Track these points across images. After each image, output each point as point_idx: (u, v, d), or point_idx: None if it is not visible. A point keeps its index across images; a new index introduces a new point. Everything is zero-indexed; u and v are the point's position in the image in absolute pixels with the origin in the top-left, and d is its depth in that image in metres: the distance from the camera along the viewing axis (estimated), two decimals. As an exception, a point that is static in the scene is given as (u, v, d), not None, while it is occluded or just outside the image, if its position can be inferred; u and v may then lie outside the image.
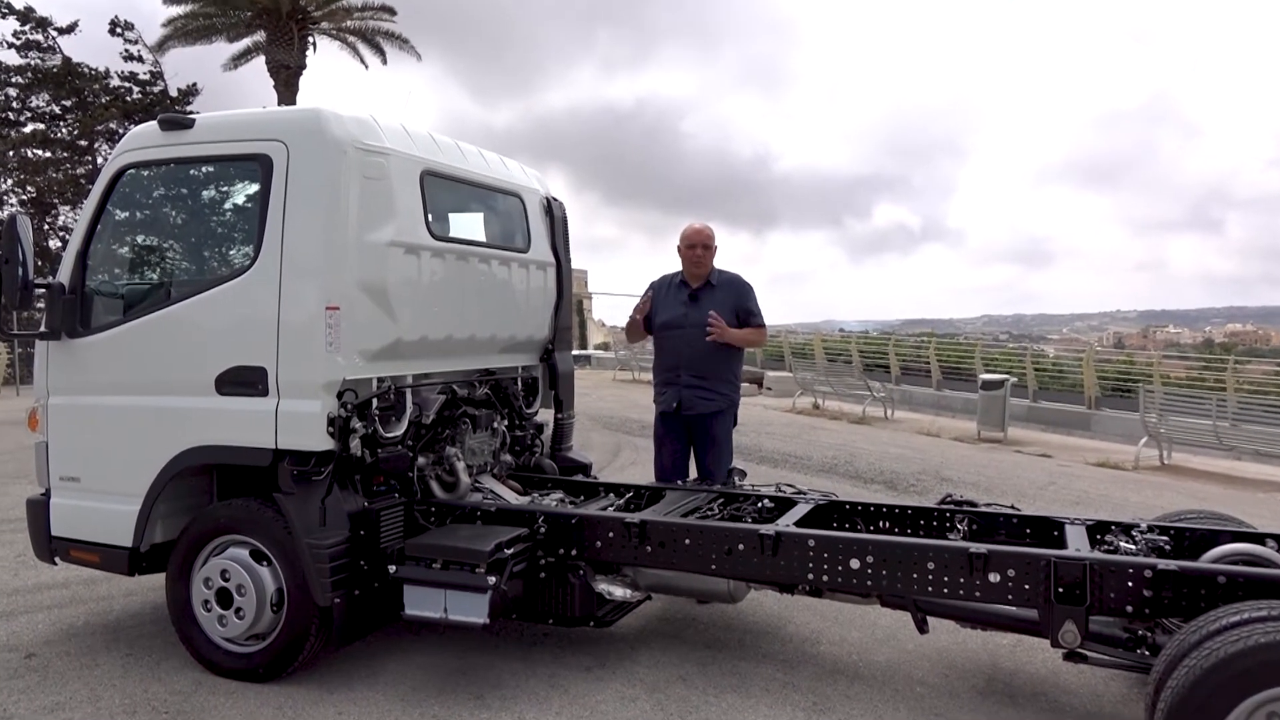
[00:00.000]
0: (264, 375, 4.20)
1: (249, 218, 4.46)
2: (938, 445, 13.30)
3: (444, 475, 4.82)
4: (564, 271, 5.70)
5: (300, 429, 4.17)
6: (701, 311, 5.56)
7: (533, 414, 5.68)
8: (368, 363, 4.32)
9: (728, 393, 5.60)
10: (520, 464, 5.51)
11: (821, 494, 4.94)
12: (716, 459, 5.55)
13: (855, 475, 10.17)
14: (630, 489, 5.18)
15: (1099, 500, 9.16)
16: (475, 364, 5.15)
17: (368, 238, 4.26)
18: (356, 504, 4.25)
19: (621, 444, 11.89)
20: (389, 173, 4.35)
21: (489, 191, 5.27)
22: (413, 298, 4.51)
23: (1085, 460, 12.23)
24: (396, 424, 4.50)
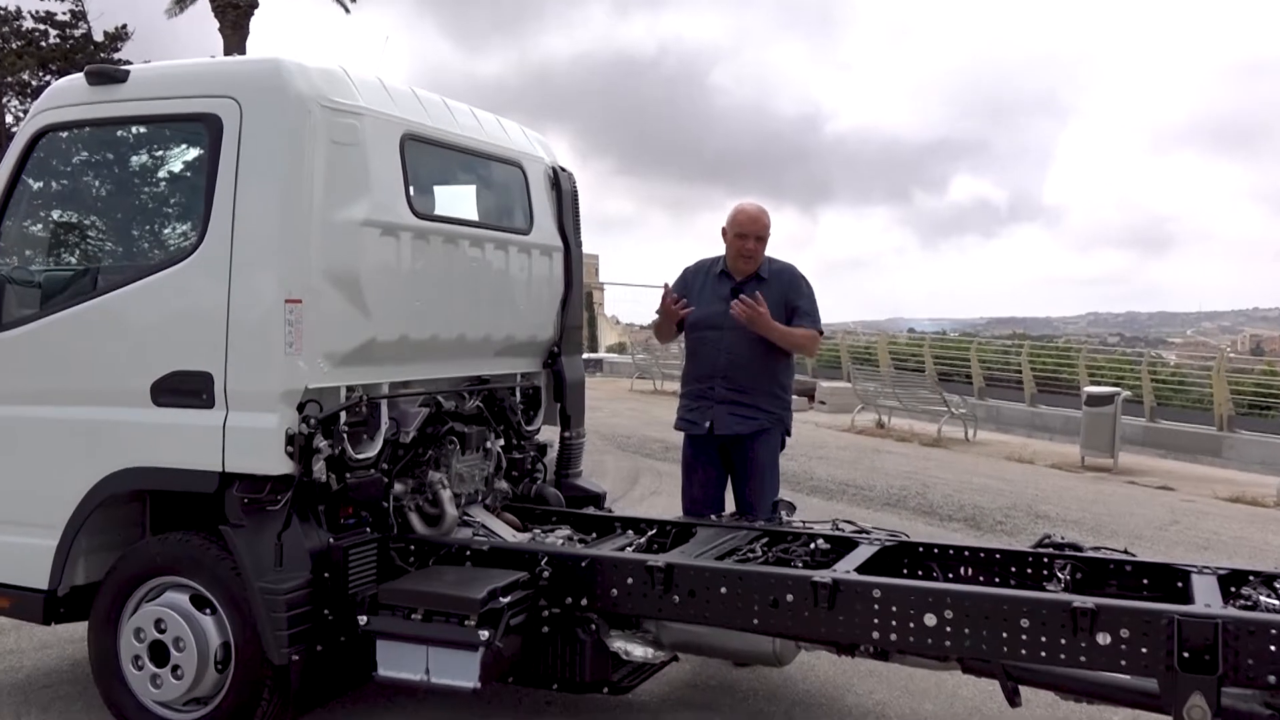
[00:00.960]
0: (209, 383, 4.24)
1: (193, 191, 4.50)
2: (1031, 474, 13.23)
3: (426, 506, 4.84)
4: (573, 257, 5.72)
5: (253, 448, 4.20)
6: None
7: (534, 432, 5.69)
8: (335, 368, 4.35)
9: (774, 409, 5.58)
10: (519, 493, 5.52)
11: (888, 533, 4.92)
12: (759, 489, 5.54)
13: (929, 510, 10.13)
14: (653, 524, 5.19)
15: (1233, 544, 9.08)
16: (465, 370, 5.17)
17: (336, 216, 4.29)
18: (320, 540, 4.27)
19: (641, 469, 11.89)
20: (363, 137, 4.39)
21: (483, 160, 5.29)
22: (390, 289, 4.53)
23: (1215, 494, 12.14)
24: (369, 443, 4.53)
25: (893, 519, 9.33)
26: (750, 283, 5.60)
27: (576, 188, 5.83)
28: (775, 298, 5.54)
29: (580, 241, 5.82)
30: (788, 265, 5.69)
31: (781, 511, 5.26)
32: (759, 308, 5.35)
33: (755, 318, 5.37)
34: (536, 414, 5.69)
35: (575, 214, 5.78)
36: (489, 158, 5.30)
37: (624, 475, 11.40)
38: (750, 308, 5.34)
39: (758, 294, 5.41)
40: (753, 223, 5.58)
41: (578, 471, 5.82)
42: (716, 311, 5.59)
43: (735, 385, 5.51)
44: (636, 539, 5.02)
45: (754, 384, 5.52)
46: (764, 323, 5.40)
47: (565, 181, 5.71)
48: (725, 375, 5.52)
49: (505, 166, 5.39)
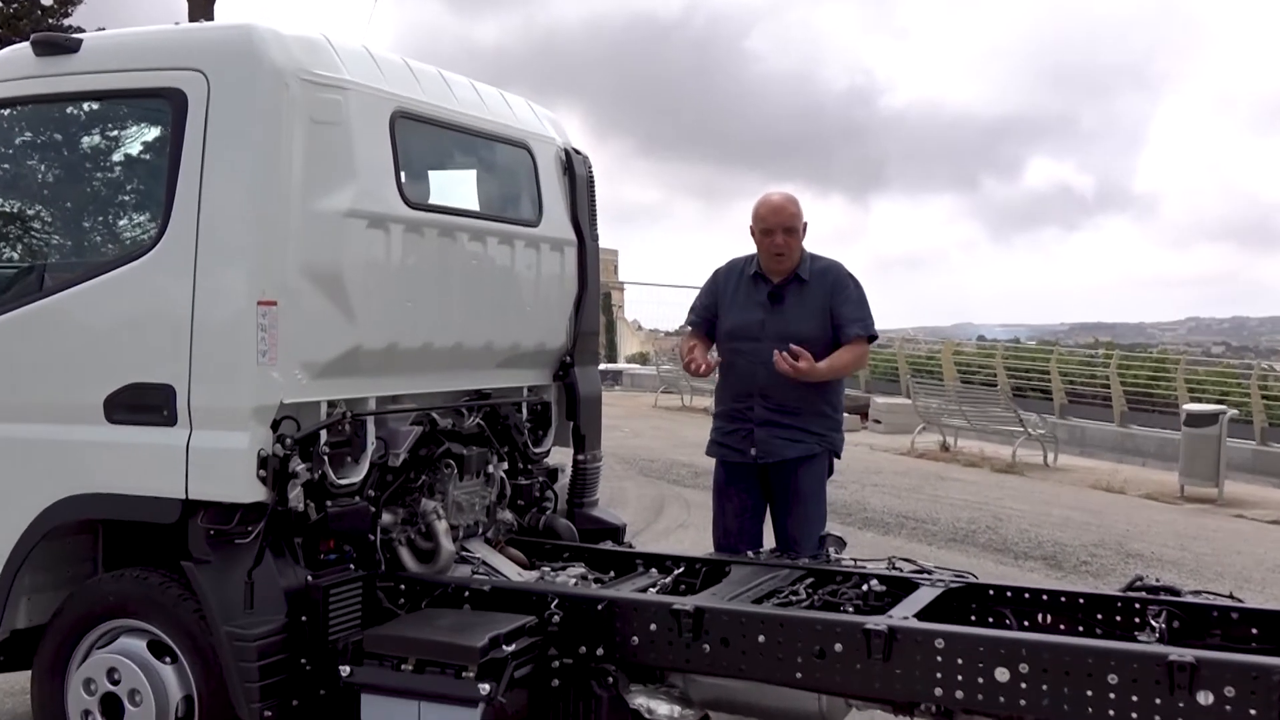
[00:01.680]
0: (171, 396, 4.26)
1: (153, 177, 4.54)
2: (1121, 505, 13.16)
3: (418, 539, 4.86)
4: (589, 253, 5.73)
5: (220, 472, 4.22)
6: (787, 318, 5.54)
7: (543, 454, 5.70)
8: (314, 380, 4.38)
9: (822, 430, 5.58)
10: (526, 525, 5.54)
11: (954, 573, 4.90)
12: (803, 521, 5.54)
13: (1002, 547, 10.08)
14: (680, 562, 5.18)
15: (1358, 588, 8.99)
16: (463, 383, 5.18)
17: (317, 205, 4.32)
18: (297, 578, 4.29)
19: (666, 498, 11.88)
20: (347, 114, 4.41)
21: (485, 141, 5.32)
22: (378, 289, 4.56)
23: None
24: (353, 466, 4.55)
25: (959, 557, 9.28)
26: (791, 286, 5.59)
27: (592, 173, 5.85)
28: (818, 302, 5.54)
29: (597, 235, 5.83)
30: (832, 263, 5.69)
31: (829, 548, 5.25)
32: (800, 363, 5.31)
33: (802, 375, 5.33)
34: (546, 434, 5.70)
35: (591, 203, 5.80)
36: (492, 138, 5.32)
37: (647, 505, 11.40)
38: (791, 366, 5.31)
39: (790, 349, 5.32)
40: (776, 213, 5.56)
41: (593, 500, 5.83)
42: (752, 320, 5.59)
43: (776, 404, 5.50)
44: (661, 579, 5.02)
45: (798, 402, 5.50)
46: (813, 374, 5.37)
47: (579, 166, 5.73)
48: (765, 393, 5.51)
49: (510, 149, 5.42)
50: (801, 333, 5.48)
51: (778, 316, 5.56)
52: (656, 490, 12.39)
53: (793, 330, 5.48)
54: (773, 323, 5.55)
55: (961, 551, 9.77)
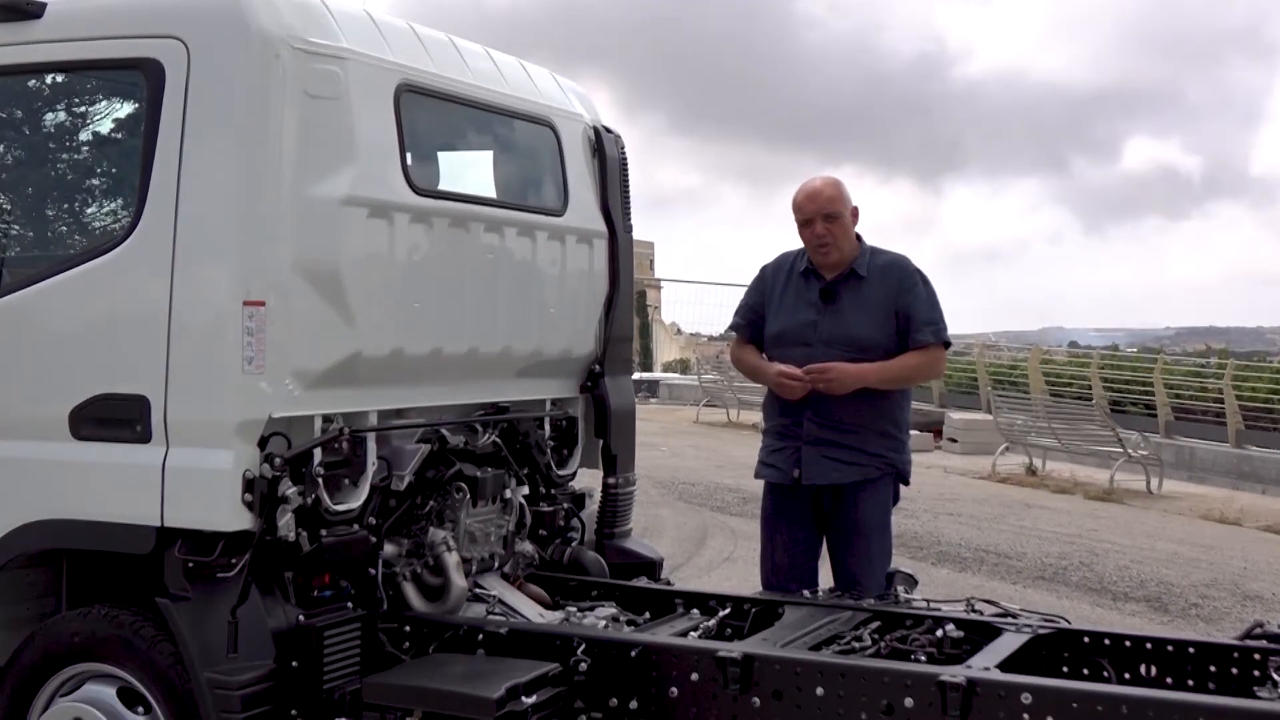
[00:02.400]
0: (145, 410, 4.29)
1: (126, 159, 4.57)
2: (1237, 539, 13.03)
3: (426, 574, 4.87)
4: (621, 246, 5.75)
5: (200, 496, 4.24)
6: (842, 319, 5.52)
7: (568, 477, 5.71)
8: (308, 391, 4.39)
9: (884, 450, 5.55)
10: (549, 558, 5.54)
11: (1042, 616, 4.88)
12: (864, 557, 5.52)
13: (1098, 587, 10.02)
14: (725, 602, 5.17)
15: None
16: (478, 395, 5.20)
17: (311, 191, 4.33)
18: (287, 617, 4.30)
19: (709, 527, 11.87)
20: (346, 88, 4.44)
21: (503, 118, 5.33)
22: (381, 288, 4.57)
23: None
24: (352, 490, 4.56)
25: (1048, 598, 9.24)
26: (846, 282, 5.57)
27: (625, 154, 5.86)
28: (879, 301, 5.51)
29: (630, 225, 5.84)
30: (897, 257, 5.66)
31: (898, 586, 5.23)
32: (826, 374, 5.32)
33: (831, 384, 5.34)
34: (572, 453, 5.72)
35: (624, 189, 5.81)
36: (511, 115, 5.34)
37: (687, 535, 11.38)
38: (818, 376, 5.33)
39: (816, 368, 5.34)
40: (812, 199, 5.54)
41: (626, 530, 5.83)
42: (803, 322, 5.57)
43: (831, 420, 5.47)
44: (704, 621, 5.00)
45: (856, 418, 5.48)
46: (848, 378, 5.35)
47: (610, 146, 5.74)
48: (817, 407, 5.49)
49: (532, 127, 5.43)
50: (859, 337, 5.46)
51: (832, 318, 5.53)
52: (698, 519, 12.37)
53: (850, 334, 5.46)
54: (827, 325, 5.52)
55: (1051, 591, 9.71)
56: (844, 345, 5.45)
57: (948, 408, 23.32)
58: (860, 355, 5.43)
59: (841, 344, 5.45)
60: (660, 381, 29.97)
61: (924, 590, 5.34)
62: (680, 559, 10.03)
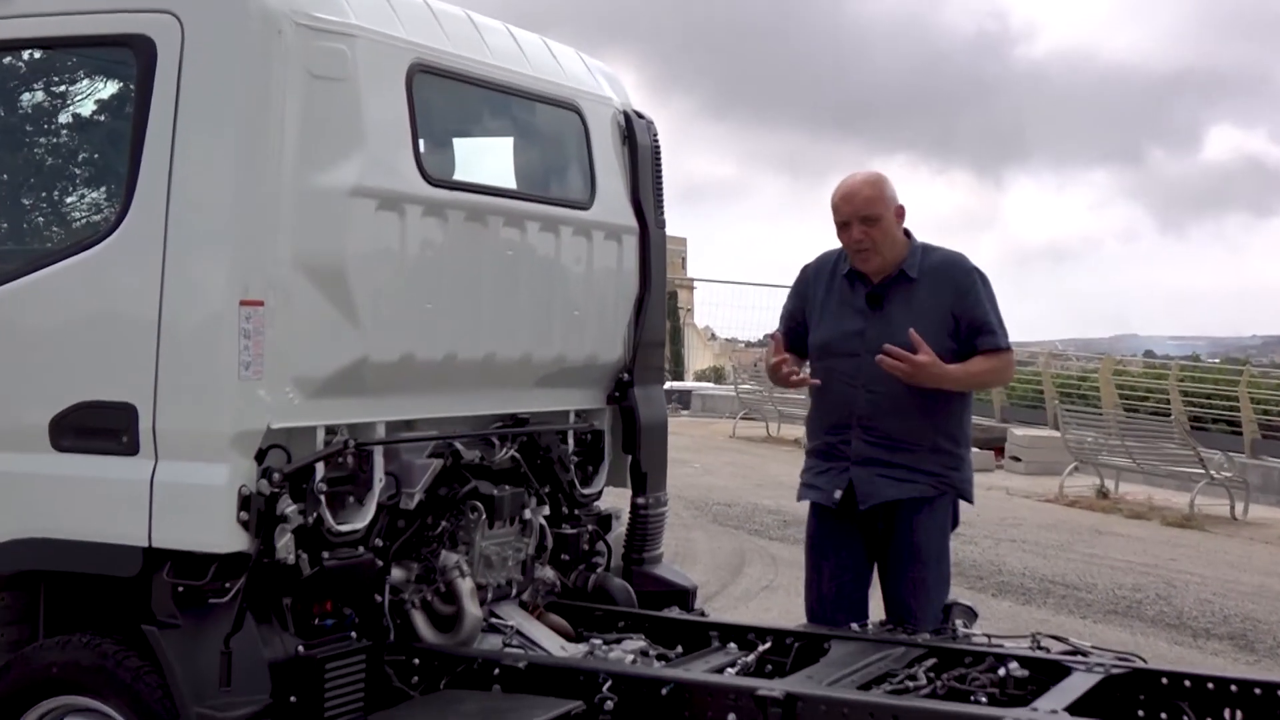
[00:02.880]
0: (131, 419, 4.30)
1: (112, 145, 4.58)
2: (1332, 570, 12.94)
3: (437, 601, 4.87)
4: (653, 243, 5.75)
5: (191, 514, 4.24)
6: (890, 326, 5.48)
7: (593, 496, 5.71)
8: (310, 400, 4.40)
9: (940, 469, 5.54)
10: (571, 585, 5.55)
11: (1116, 655, 4.88)
12: (919, 586, 5.51)
13: (1176, 622, 9.97)
14: (766, 635, 5.18)
15: None
16: (495, 406, 5.21)
17: (315, 181, 4.35)
18: (285, 648, 4.31)
19: (747, 552, 11.85)
20: (354, 68, 4.45)
21: (525, 102, 5.35)
22: (390, 287, 4.58)
23: None
24: (357, 509, 4.57)
25: (1121, 634, 9.18)
26: (895, 286, 5.55)
27: (658, 142, 5.86)
28: (933, 305, 5.48)
29: (663, 220, 5.85)
30: (951, 255, 5.64)
31: (956, 620, 5.22)
32: (922, 363, 5.26)
33: (914, 373, 5.29)
34: (597, 470, 5.72)
35: (656, 180, 5.82)
36: (534, 98, 5.35)
37: (723, 561, 11.36)
38: (903, 368, 5.26)
39: (886, 350, 5.26)
40: (847, 200, 5.50)
41: (657, 555, 5.83)
42: (848, 330, 5.56)
43: (881, 436, 5.46)
44: (742, 656, 5.00)
45: (909, 433, 5.47)
46: (930, 373, 5.31)
47: (642, 133, 5.74)
48: (866, 422, 5.47)
49: (556, 111, 5.44)
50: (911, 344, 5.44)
51: (880, 325, 5.50)
52: (734, 543, 12.35)
53: (901, 341, 5.40)
54: (875, 334, 5.48)
55: (1124, 627, 9.65)
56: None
57: (1010, 423, 23.21)
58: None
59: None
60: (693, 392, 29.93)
61: (984, 624, 5.33)
62: (715, 587, 10.01)
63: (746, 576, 10.77)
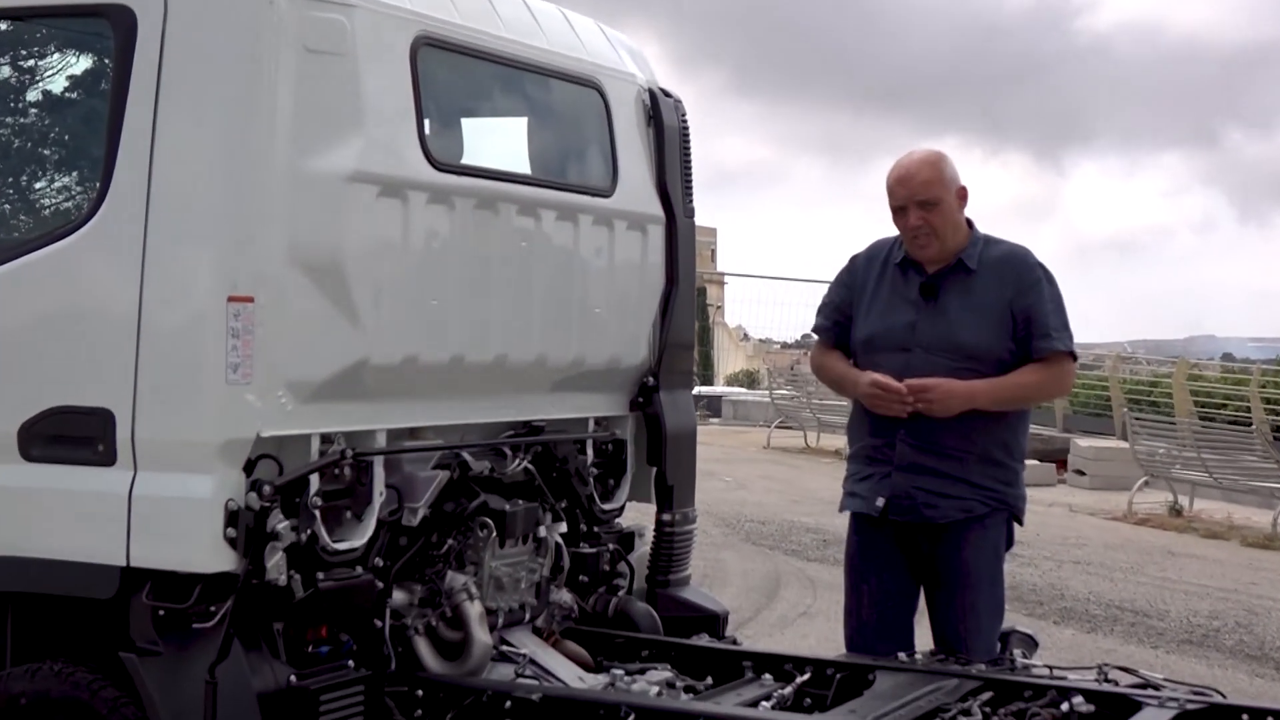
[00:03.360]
0: (108, 426, 4.31)
1: (88, 126, 4.60)
2: None
3: (443, 627, 4.88)
4: (680, 234, 5.76)
5: (173, 530, 4.26)
6: (946, 321, 5.50)
7: (614, 512, 5.72)
8: (304, 405, 4.41)
9: (992, 483, 5.52)
10: (590, 610, 5.55)
11: (1191, 689, 4.86)
12: (971, 612, 5.50)
13: (1258, 653, 9.92)
14: (804, 665, 5.17)
15: None
16: (507, 412, 5.22)
17: (310, 165, 4.35)
18: (276, 678, 4.31)
19: (784, 574, 11.84)
20: (353, 42, 4.45)
21: (541, 78, 5.35)
22: (393, 282, 4.59)
23: None
24: (355, 525, 4.58)
25: (1197, 667, 9.14)
26: (951, 277, 5.54)
27: (686, 123, 5.86)
28: (992, 300, 5.48)
29: (692, 208, 5.85)
30: (1015, 249, 5.64)
31: (1014, 650, 5.22)
32: (927, 392, 5.28)
33: (933, 405, 5.30)
34: (619, 484, 5.73)
35: (685, 165, 5.82)
36: (550, 75, 5.35)
37: (757, 584, 11.36)
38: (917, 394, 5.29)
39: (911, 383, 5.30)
40: (904, 182, 5.49)
41: (684, 577, 5.83)
42: (898, 324, 5.55)
43: (928, 443, 5.44)
44: (778, 688, 4.99)
45: (960, 441, 5.44)
46: (954, 399, 5.31)
47: (669, 113, 5.75)
48: (912, 427, 5.46)
49: (575, 89, 5.45)
50: (967, 342, 5.44)
51: (934, 319, 5.49)
52: (769, 564, 12.34)
53: (955, 338, 5.43)
54: (927, 327, 5.48)
55: (1200, 658, 9.61)
56: (948, 352, 5.42)
57: (1073, 433, 23.13)
58: (967, 365, 5.40)
59: (945, 350, 5.42)
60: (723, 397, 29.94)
61: (1046, 654, 5.31)
62: (748, 612, 9.99)
63: (782, 601, 10.76)
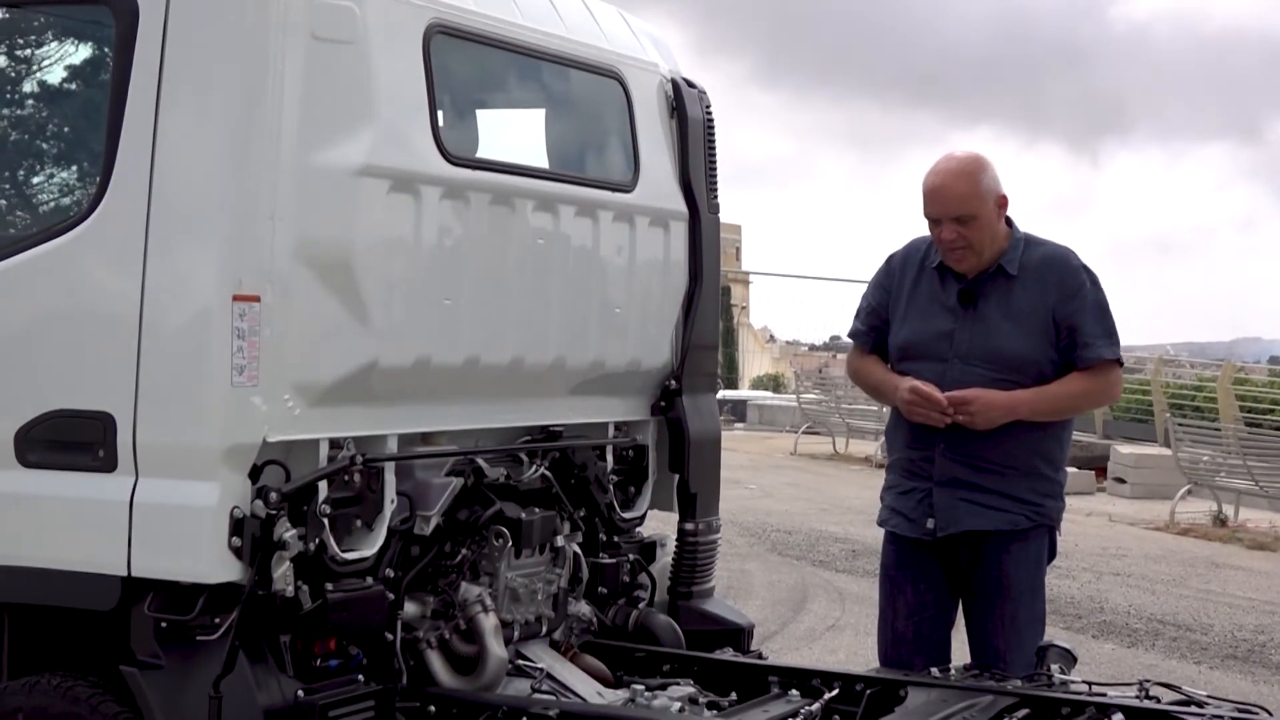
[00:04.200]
0: (108, 431, 4.31)
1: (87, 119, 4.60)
2: None
3: (457, 641, 4.88)
4: (705, 231, 5.75)
5: (176, 539, 4.25)
6: (985, 329, 5.49)
7: (635, 521, 5.71)
8: (312, 409, 4.41)
9: (1033, 496, 5.52)
10: (610, 623, 5.55)
11: (1236, 706, 4.85)
12: (1010, 626, 5.51)
13: (1309, 669, 9.88)
14: (834, 680, 5.15)
15: None
16: (523, 417, 5.22)
17: (319, 159, 4.35)
18: (283, 693, 4.30)
19: (811, 586, 11.85)
20: (364, 29, 4.44)
21: (559, 68, 5.34)
22: (405, 281, 4.59)
23: None
24: (365, 534, 4.57)
25: (1241, 683, 9.12)
26: (989, 282, 5.52)
27: (711, 115, 5.85)
28: (1034, 306, 5.47)
29: (716, 204, 5.84)
30: (1058, 250, 5.62)
31: (1051, 665, 5.18)
32: (967, 405, 5.29)
33: (974, 418, 5.31)
34: (640, 492, 5.72)
35: (710, 158, 5.82)
36: (569, 64, 5.34)
37: (783, 596, 11.37)
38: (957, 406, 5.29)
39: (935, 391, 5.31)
40: (939, 197, 5.45)
41: (707, 588, 5.83)
42: (936, 331, 5.55)
43: (968, 456, 5.45)
44: (805, 704, 4.97)
45: (1001, 454, 5.45)
46: (994, 410, 5.32)
47: (693, 105, 5.74)
48: (951, 439, 5.45)
49: (595, 79, 5.44)
50: (1007, 351, 5.43)
51: (973, 327, 5.49)
52: (796, 575, 12.34)
53: (995, 347, 5.43)
54: (966, 336, 5.48)
55: (1245, 675, 9.59)
56: (987, 361, 5.41)
57: (1113, 439, 23.09)
58: (1006, 375, 5.39)
59: (984, 360, 5.41)
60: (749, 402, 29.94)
61: (1084, 670, 5.30)
62: (774, 625, 10.01)
63: (810, 614, 10.77)
